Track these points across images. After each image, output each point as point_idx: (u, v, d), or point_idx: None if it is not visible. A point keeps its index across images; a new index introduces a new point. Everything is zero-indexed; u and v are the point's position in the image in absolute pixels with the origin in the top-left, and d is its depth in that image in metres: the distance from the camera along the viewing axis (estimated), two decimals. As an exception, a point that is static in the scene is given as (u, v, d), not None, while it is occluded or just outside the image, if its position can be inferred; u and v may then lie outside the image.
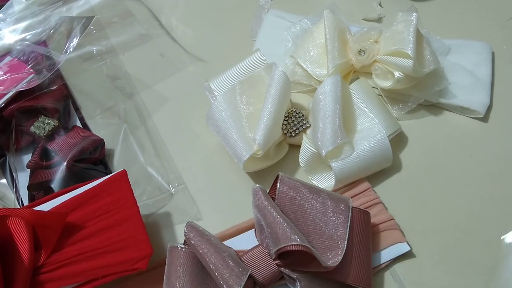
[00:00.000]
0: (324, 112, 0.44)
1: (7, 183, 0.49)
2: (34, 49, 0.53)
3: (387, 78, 0.50)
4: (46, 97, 0.52)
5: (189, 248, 0.39)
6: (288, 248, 0.36)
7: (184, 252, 0.39)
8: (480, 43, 0.55)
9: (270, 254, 0.39)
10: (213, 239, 0.38)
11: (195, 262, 0.38)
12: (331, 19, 0.50)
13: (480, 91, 0.52)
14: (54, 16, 0.56)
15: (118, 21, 0.61)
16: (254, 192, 0.40)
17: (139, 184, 0.48)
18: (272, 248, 0.38)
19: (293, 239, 0.36)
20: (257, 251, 0.39)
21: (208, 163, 0.50)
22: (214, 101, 0.46)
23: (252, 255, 0.39)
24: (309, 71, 0.50)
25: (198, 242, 0.38)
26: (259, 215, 0.39)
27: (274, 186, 0.41)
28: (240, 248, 0.41)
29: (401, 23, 0.49)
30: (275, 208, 0.38)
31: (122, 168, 0.43)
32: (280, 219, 0.37)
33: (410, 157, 0.49)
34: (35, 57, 0.52)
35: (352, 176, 0.45)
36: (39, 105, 0.50)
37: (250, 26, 0.60)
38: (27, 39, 0.54)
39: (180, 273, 0.38)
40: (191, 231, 0.38)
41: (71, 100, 0.54)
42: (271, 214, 0.38)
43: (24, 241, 0.36)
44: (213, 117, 0.46)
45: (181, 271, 0.38)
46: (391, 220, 0.44)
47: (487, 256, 0.44)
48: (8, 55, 0.53)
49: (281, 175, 0.41)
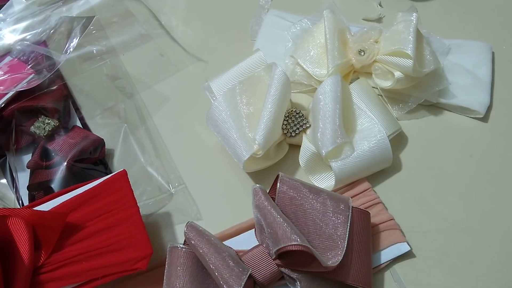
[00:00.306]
0: (324, 112, 0.44)
1: (7, 183, 0.49)
2: (34, 49, 0.53)
3: (387, 78, 0.50)
4: (46, 97, 0.51)
5: (189, 248, 0.39)
6: (288, 248, 0.36)
7: (184, 252, 0.39)
8: (480, 43, 0.55)
9: (270, 254, 0.39)
10: (213, 239, 0.38)
11: (195, 262, 0.38)
12: (331, 19, 0.50)
13: (480, 91, 0.52)
14: (54, 16, 0.56)
15: (118, 21, 0.61)
16: (254, 192, 0.40)
17: (139, 184, 0.48)
18: (272, 248, 0.38)
19: (293, 239, 0.36)
20: (257, 251, 0.39)
21: (208, 163, 0.50)
22: (214, 101, 0.46)
23: (252, 255, 0.39)
24: (309, 71, 0.50)
25: (198, 242, 0.38)
26: (259, 215, 0.39)
27: (274, 186, 0.41)
28: (240, 248, 0.41)
29: (401, 23, 0.49)
30: (275, 208, 0.38)
31: (122, 168, 0.43)
32: (280, 219, 0.37)
33: (410, 157, 0.49)
34: (35, 57, 0.52)
35: (352, 176, 0.45)
36: (39, 105, 0.50)
37: (250, 26, 0.60)
38: (27, 39, 0.54)
39: (180, 273, 0.38)
40: (191, 231, 0.38)
41: (71, 100, 0.54)
42: (271, 214, 0.38)
43: (24, 241, 0.36)
44: (213, 117, 0.46)
45: (181, 271, 0.38)
46: (391, 220, 0.44)
47: (487, 256, 0.44)
48: (8, 55, 0.53)
49: (281, 175, 0.41)
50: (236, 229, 0.44)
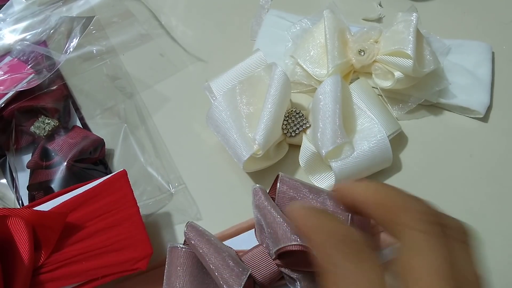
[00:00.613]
0: (324, 112, 0.44)
1: (7, 183, 0.49)
2: (34, 49, 0.53)
3: (387, 78, 0.50)
4: (46, 97, 0.51)
5: (189, 248, 0.39)
6: (288, 248, 0.36)
7: (184, 252, 0.39)
8: (480, 43, 0.55)
9: (270, 254, 0.39)
10: (213, 239, 0.38)
11: (195, 262, 0.38)
12: (331, 19, 0.50)
13: (480, 91, 0.52)
14: (54, 16, 0.56)
15: (118, 21, 0.61)
16: (254, 192, 0.40)
17: (139, 184, 0.48)
18: (272, 248, 0.38)
19: (293, 239, 0.36)
20: (257, 251, 0.39)
21: (208, 163, 0.50)
22: (214, 101, 0.46)
23: (252, 255, 0.39)
24: (309, 71, 0.50)
25: (198, 242, 0.38)
26: (259, 215, 0.39)
27: (274, 186, 0.41)
28: (240, 248, 0.41)
29: (401, 23, 0.49)
30: (275, 208, 0.38)
31: (122, 168, 0.43)
32: (280, 219, 0.37)
33: (410, 157, 0.49)
34: (35, 57, 0.52)
35: (352, 176, 0.45)
36: (39, 105, 0.50)
37: (250, 26, 0.60)
38: (27, 39, 0.54)
39: (180, 273, 0.38)
40: (191, 231, 0.38)
41: (71, 100, 0.54)
42: (271, 214, 0.38)
43: (24, 241, 0.36)
44: (213, 117, 0.46)
45: (181, 271, 0.38)
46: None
47: (487, 256, 0.44)
48: (8, 55, 0.53)
49: (281, 175, 0.41)
50: (236, 229, 0.44)
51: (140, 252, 0.39)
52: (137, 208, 0.41)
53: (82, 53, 0.57)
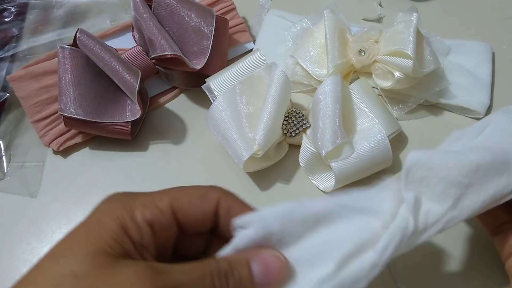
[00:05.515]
0: (324, 112, 0.44)
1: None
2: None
3: (387, 78, 0.50)
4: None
5: (78, 49, 0.45)
6: (164, 56, 0.46)
7: (76, 51, 0.45)
8: (480, 43, 0.55)
9: (148, 54, 0.48)
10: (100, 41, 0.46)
11: (86, 61, 0.45)
12: (331, 19, 0.50)
13: (480, 91, 0.52)
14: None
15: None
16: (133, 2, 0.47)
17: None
18: (151, 53, 0.47)
19: (168, 49, 0.45)
20: (135, 50, 0.48)
21: (208, 163, 0.50)
22: (214, 101, 0.46)
23: (131, 53, 0.48)
24: (309, 71, 0.50)
25: (91, 44, 0.44)
26: (140, 22, 0.47)
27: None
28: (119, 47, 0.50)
29: (401, 23, 0.49)
30: (153, 20, 0.46)
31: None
32: (156, 31, 0.46)
33: (410, 157, 0.49)
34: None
35: (352, 176, 0.45)
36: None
37: (250, 26, 0.59)
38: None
39: (71, 67, 0.45)
40: (82, 35, 0.44)
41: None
42: (150, 25, 0.46)
43: None
44: (213, 117, 0.46)
45: (73, 65, 0.45)
46: (242, 23, 0.56)
47: (487, 256, 0.44)
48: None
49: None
50: (113, 31, 0.53)
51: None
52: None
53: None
